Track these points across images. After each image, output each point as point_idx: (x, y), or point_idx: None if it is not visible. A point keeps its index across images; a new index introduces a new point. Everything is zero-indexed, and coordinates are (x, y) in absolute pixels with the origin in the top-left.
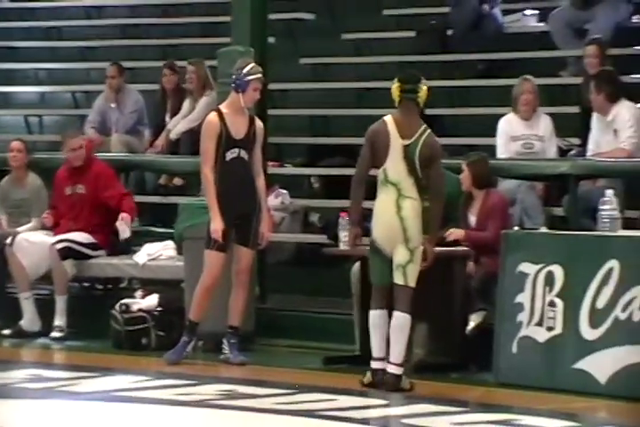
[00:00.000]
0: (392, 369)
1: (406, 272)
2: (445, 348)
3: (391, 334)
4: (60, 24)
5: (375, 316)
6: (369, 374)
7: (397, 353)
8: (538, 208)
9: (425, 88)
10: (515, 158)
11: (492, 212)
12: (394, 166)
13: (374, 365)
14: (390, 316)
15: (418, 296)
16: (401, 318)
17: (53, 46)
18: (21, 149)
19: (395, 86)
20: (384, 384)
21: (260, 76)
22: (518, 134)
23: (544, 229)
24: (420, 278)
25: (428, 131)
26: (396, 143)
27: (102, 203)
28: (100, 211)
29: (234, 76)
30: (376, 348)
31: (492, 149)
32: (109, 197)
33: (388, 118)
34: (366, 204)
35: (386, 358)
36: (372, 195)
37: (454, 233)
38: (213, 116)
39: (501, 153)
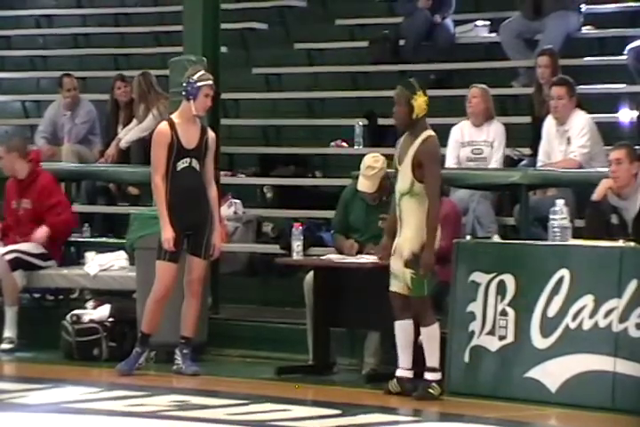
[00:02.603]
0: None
1: None
2: (397, 358)
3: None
4: (9, 33)
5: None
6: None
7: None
8: (490, 217)
9: None
10: (466, 168)
11: (445, 221)
12: None
13: (406, 374)
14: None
15: (371, 306)
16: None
17: (3, 55)
18: None
19: (425, 99)
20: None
21: (210, 82)
22: (468, 140)
23: (496, 238)
24: (373, 288)
25: None
26: None
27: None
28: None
29: (184, 84)
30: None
31: (443, 159)
32: (49, 212)
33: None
34: (322, 213)
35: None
36: (326, 205)
37: None
38: (164, 125)
39: (449, 159)
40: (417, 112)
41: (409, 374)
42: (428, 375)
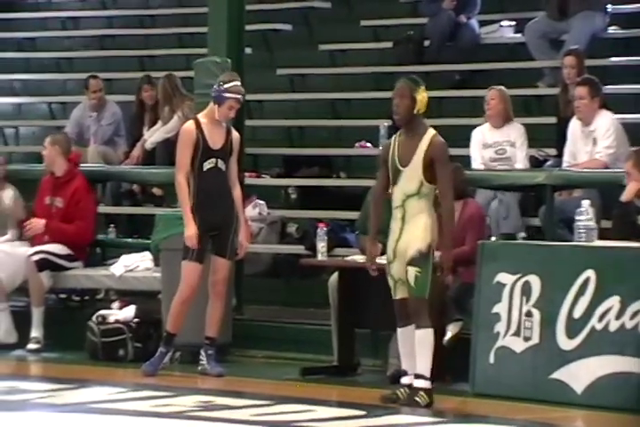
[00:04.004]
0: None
1: None
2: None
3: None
4: (35, 35)
5: None
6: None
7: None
8: (511, 196)
9: None
10: (490, 169)
11: (470, 223)
12: None
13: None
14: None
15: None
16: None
17: (29, 57)
18: (1, 161)
19: (426, 96)
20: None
21: (238, 96)
22: (491, 142)
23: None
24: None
25: None
26: None
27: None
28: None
29: (215, 87)
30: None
31: (468, 160)
32: (78, 216)
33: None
34: (346, 214)
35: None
36: (350, 206)
37: None
38: (190, 124)
39: (474, 160)
40: (419, 107)
41: None
42: (417, 383)
